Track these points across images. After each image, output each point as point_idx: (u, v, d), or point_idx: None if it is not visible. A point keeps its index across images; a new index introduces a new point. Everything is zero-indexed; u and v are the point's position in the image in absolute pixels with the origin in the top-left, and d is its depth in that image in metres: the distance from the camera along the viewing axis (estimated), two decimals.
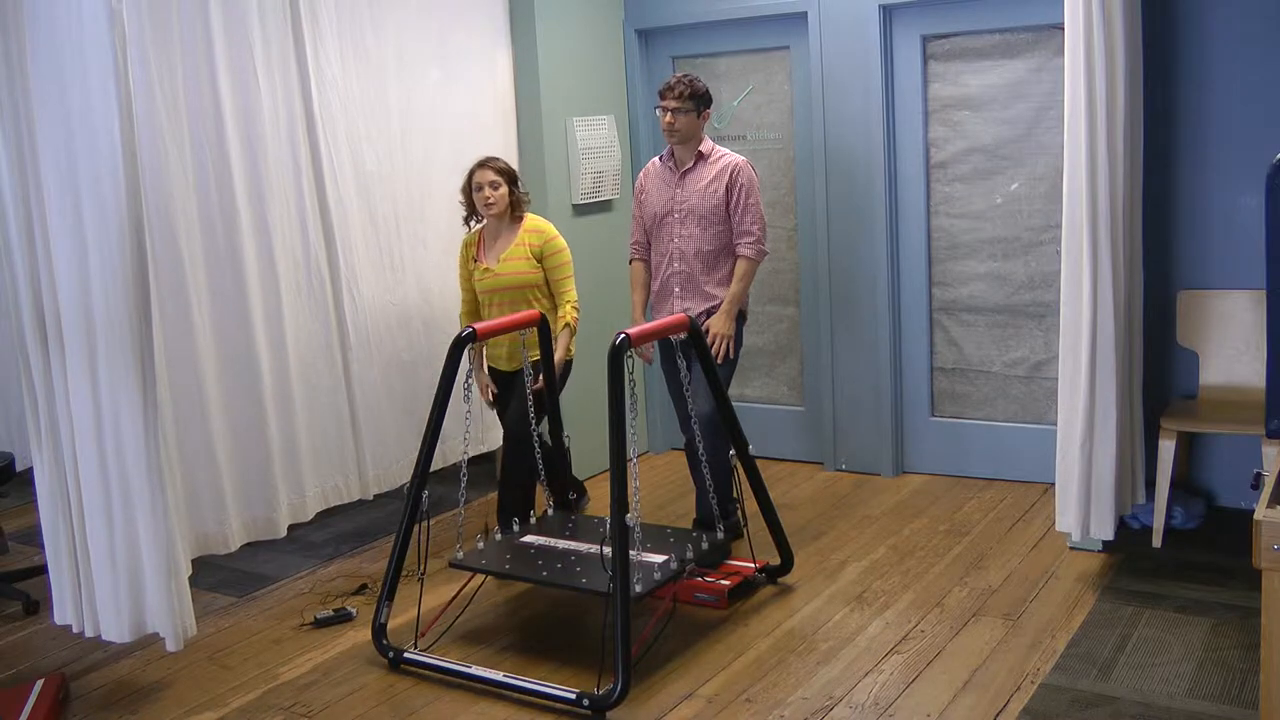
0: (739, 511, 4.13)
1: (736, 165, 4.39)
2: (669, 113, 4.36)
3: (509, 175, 4.47)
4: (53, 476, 3.58)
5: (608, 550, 3.49)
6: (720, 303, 4.40)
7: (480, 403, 4.61)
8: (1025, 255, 5.02)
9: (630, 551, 3.50)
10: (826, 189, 5.32)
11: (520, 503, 4.39)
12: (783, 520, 4.23)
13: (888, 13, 5.09)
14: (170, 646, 3.57)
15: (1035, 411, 5.12)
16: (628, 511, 3.45)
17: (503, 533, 4.11)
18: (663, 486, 5.41)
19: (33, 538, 4.75)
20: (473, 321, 4.54)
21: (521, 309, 4.42)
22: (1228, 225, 4.43)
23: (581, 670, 3.58)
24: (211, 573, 4.52)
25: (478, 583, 4.15)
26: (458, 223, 4.69)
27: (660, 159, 4.56)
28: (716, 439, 4.16)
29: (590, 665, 3.53)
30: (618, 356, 3.52)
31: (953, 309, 5.24)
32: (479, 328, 3.95)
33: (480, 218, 4.53)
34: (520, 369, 4.37)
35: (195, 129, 4.09)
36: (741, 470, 4.09)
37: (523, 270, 4.45)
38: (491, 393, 4.56)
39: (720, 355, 4.34)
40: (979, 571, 4.23)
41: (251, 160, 4.27)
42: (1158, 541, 4.30)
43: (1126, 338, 4.03)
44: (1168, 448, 4.25)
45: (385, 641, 3.77)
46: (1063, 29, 3.88)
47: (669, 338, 4.15)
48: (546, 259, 4.46)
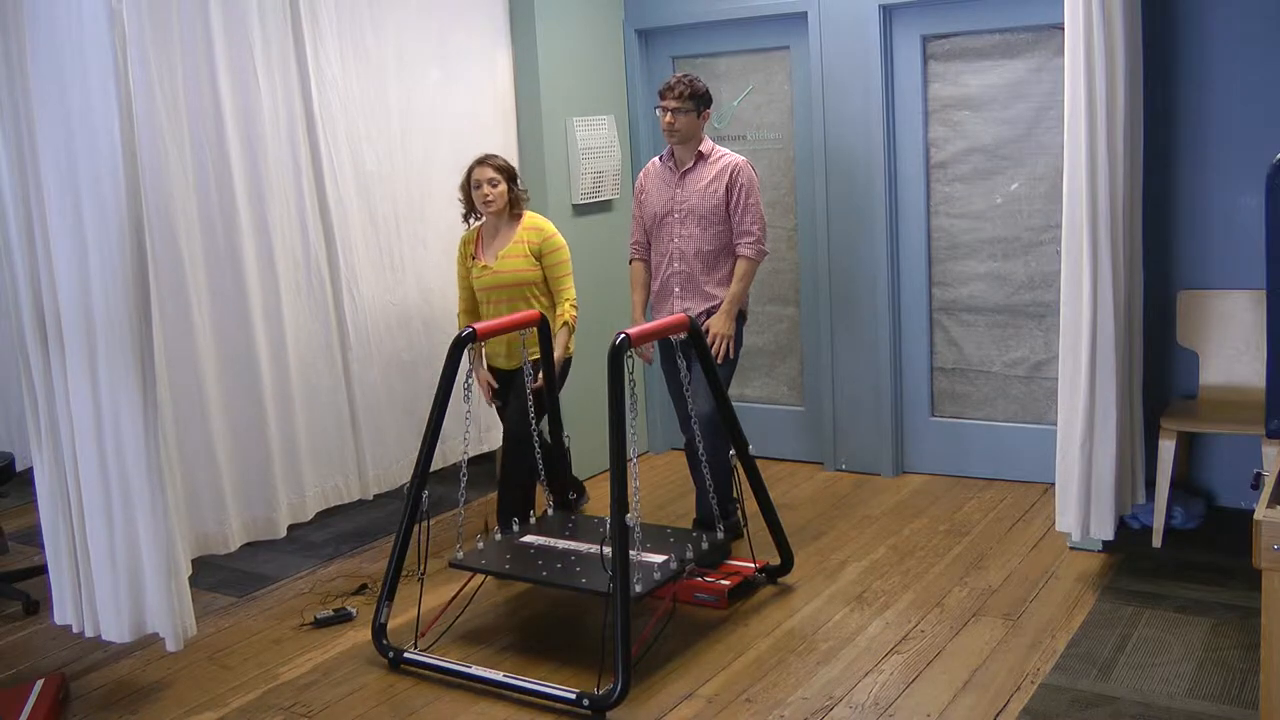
0: (739, 511, 4.13)
1: (736, 165, 4.39)
2: (669, 113, 4.36)
3: (508, 172, 4.46)
4: (53, 476, 3.59)
5: (608, 550, 3.49)
6: (720, 303, 4.40)
7: (480, 403, 4.61)
8: (1025, 255, 5.02)
9: (630, 551, 3.50)
10: (826, 189, 5.32)
11: (520, 503, 4.39)
12: (783, 520, 4.23)
13: (888, 13, 5.09)
14: (170, 646, 3.57)
15: (1035, 411, 5.12)
16: (628, 511, 3.45)
17: (503, 533, 4.11)
18: (663, 486, 5.41)
19: (33, 538, 4.75)
20: (471, 319, 4.55)
21: (519, 307, 4.43)
22: (1228, 225, 4.43)
23: (581, 670, 3.58)
24: (211, 573, 4.52)
25: (478, 583, 4.15)
26: (458, 223, 4.68)
27: (660, 159, 4.56)
28: (716, 439, 4.16)
29: (590, 665, 3.53)
30: (618, 356, 3.52)
31: (953, 309, 5.24)
32: (479, 328, 3.95)
33: (479, 215, 4.52)
34: (519, 367, 4.37)
35: (195, 129, 4.09)
36: (741, 470, 4.09)
37: (521, 268, 4.44)
38: (491, 388, 4.55)
39: (720, 355, 4.34)
40: (979, 571, 4.23)
41: (251, 160, 4.27)
42: (1158, 541, 4.30)
43: (1126, 338, 4.03)
44: (1168, 448, 4.25)
45: (385, 641, 3.77)
46: (1063, 29, 3.88)
47: (669, 338, 4.15)
48: (545, 257, 4.46)
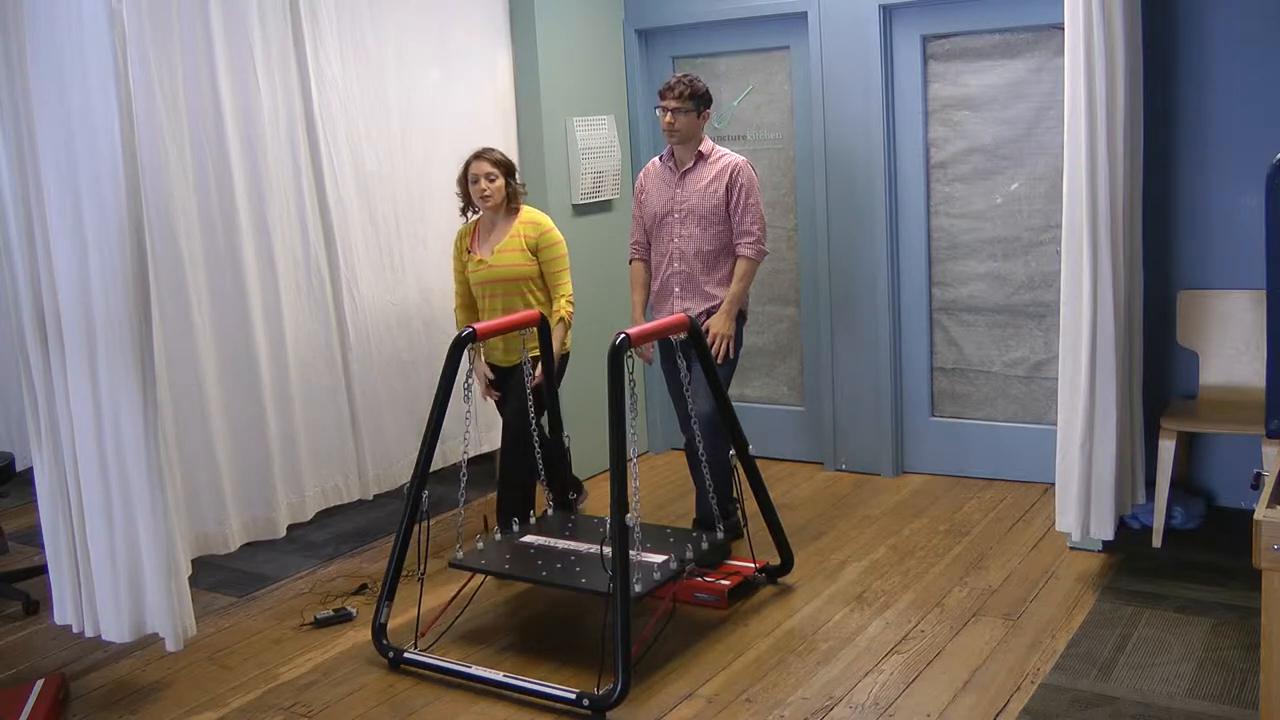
0: (739, 511, 4.13)
1: (736, 165, 4.39)
2: (669, 113, 4.36)
3: (506, 167, 4.44)
4: (53, 476, 3.59)
5: (608, 550, 3.49)
6: (720, 303, 4.40)
7: (480, 402, 4.60)
8: (1025, 255, 5.02)
9: (630, 551, 3.50)
10: (826, 189, 5.32)
11: (520, 502, 4.38)
12: (783, 520, 4.23)
13: (888, 13, 5.09)
14: (170, 646, 3.57)
15: (1035, 411, 5.12)
16: (628, 511, 3.45)
17: (503, 533, 4.11)
18: (663, 486, 5.41)
19: (33, 538, 4.75)
20: (468, 314, 4.55)
21: (515, 301, 4.42)
22: (1228, 225, 4.43)
23: (581, 670, 3.58)
24: (211, 573, 4.52)
25: (478, 583, 4.15)
26: (458, 221, 4.68)
27: (660, 159, 4.56)
28: (716, 439, 4.16)
29: (590, 665, 3.53)
30: (618, 356, 3.52)
31: (953, 309, 5.24)
32: (479, 328, 3.94)
33: (476, 209, 4.51)
34: (517, 364, 4.36)
35: (195, 129, 4.09)
36: (741, 470, 4.09)
37: (517, 262, 4.42)
38: (488, 381, 4.53)
39: (720, 355, 4.34)
40: (979, 571, 4.23)
41: (251, 160, 4.27)
42: (1158, 541, 4.30)
43: (1126, 338, 4.03)
44: (1168, 448, 4.25)
45: (385, 641, 3.77)
46: (1063, 29, 3.88)
47: (669, 338, 4.15)
48: (542, 251, 4.44)
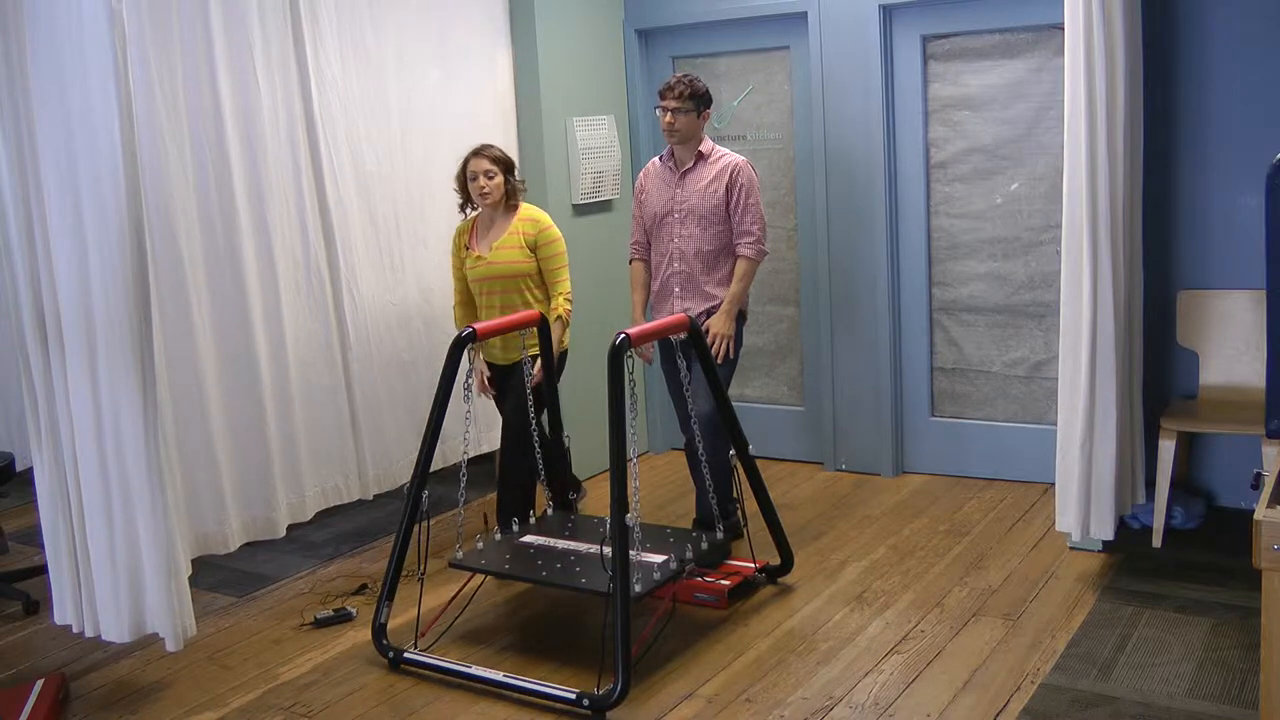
0: (739, 511, 4.13)
1: (736, 165, 4.39)
2: (669, 113, 4.36)
3: (505, 164, 4.43)
4: (53, 476, 3.59)
5: (608, 550, 3.49)
6: (720, 303, 4.40)
7: (480, 402, 4.60)
8: (1025, 255, 5.02)
9: (630, 551, 3.50)
10: (826, 189, 5.32)
11: (520, 502, 4.38)
12: (783, 520, 4.23)
13: (888, 13, 5.09)
14: (170, 646, 3.57)
15: (1035, 411, 5.12)
16: (628, 511, 3.45)
17: (502, 533, 4.11)
18: (663, 486, 5.41)
19: (33, 538, 4.75)
20: (467, 311, 4.55)
21: (513, 298, 4.42)
22: (1228, 225, 4.43)
23: (581, 670, 3.58)
24: (211, 573, 4.52)
25: (478, 583, 4.15)
26: (458, 220, 4.68)
27: (660, 159, 4.56)
28: (716, 439, 4.16)
29: (590, 665, 3.53)
30: (618, 356, 3.52)
31: (953, 309, 5.24)
32: (479, 328, 3.94)
33: (475, 206, 4.51)
34: (516, 362, 4.36)
35: (195, 129, 4.09)
36: (741, 470, 4.09)
37: (515, 259, 4.41)
38: (486, 378, 4.52)
39: (720, 355, 4.34)
40: (979, 571, 4.23)
41: (251, 160, 4.27)
42: (1158, 541, 4.30)
43: (1126, 338, 4.03)
44: (1168, 448, 4.25)
45: (385, 641, 3.77)
46: (1063, 29, 3.88)
47: (669, 338, 4.15)
48: (540, 248, 4.42)
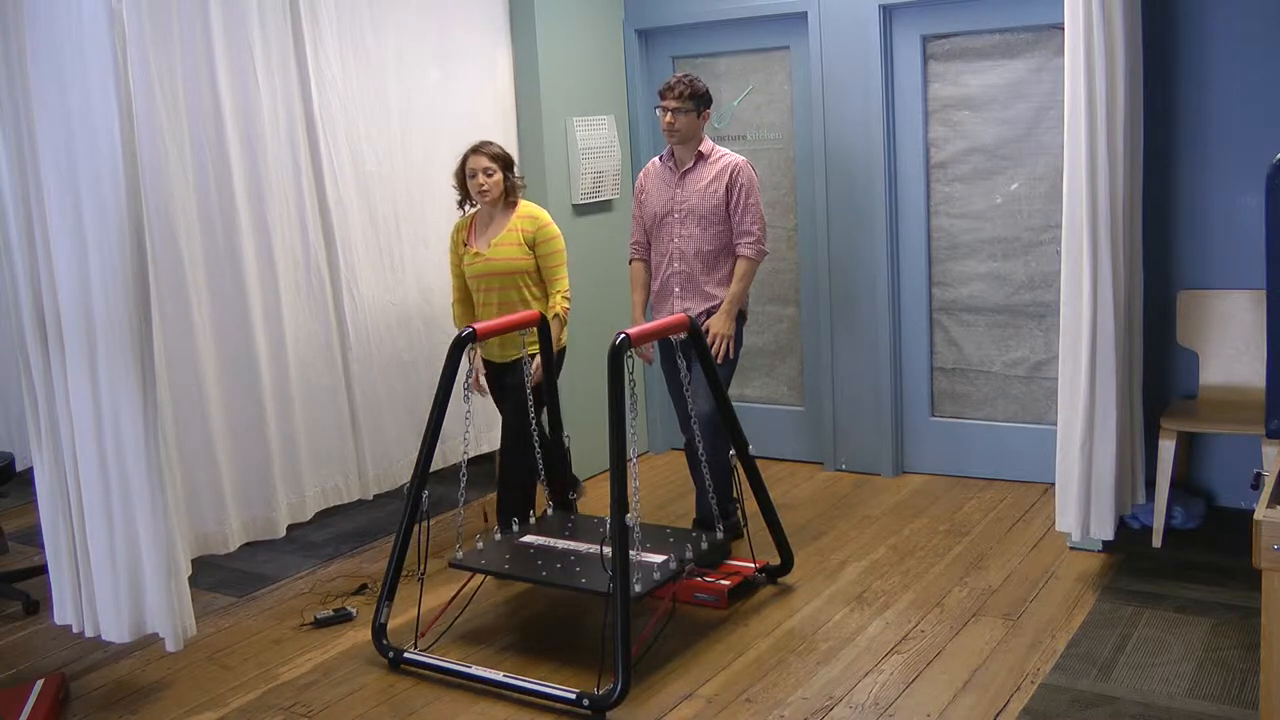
0: (739, 511, 4.13)
1: (736, 165, 4.39)
2: (669, 113, 4.36)
3: (504, 161, 4.42)
4: (53, 476, 3.59)
5: (608, 550, 3.49)
6: (720, 303, 4.39)
7: (480, 402, 4.60)
8: (1025, 255, 5.02)
9: (630, 551, 3.50)
10: (826, 189, 5.32)
11: (520, 502, 4.38)
12: (783, 520, 4.23)
13: (888, 13, 5.09)
14: (170, 646, 3.57)
15: (1035, 411, 5.12)
16: (628, 511, 3.45)
17: (502, 533, 4.11)
18: (663, 486, 5.41)
19: (33, 538, 4.75)
20: (465, 309, 4.55)
21: (511, 295, 4.41)
22: (1228, 225, 4.43)
23: (581, 670, 3.58)
24: (211, 573, 4.52)
25: (478, 583, 4.15)
26: (457, 219, 4.68)
27: (660, 159, 4.56)
28: (716, 439, 4.16)
29: (590, 665, 3.53)
30: (618, 356, 3.52)
31: (953, 309, 5.24)
32: (479, 328, 3.94)
33: (474, 203, 4.50)
34: (514, 360, 4.35)
35: (195, 129, 4.09)
36: (741, 470, 4.09)
37: (514, 256, 4.40)
38: (480, 376, 4.50)
39: (720, 355, 4.34)
40: (979, 571, 4.23)
41: (251, 160, 4.27)
42: (1158, 541, 4.30)
43: (1126, 338, 4.03)
44: (1168, 448, 4.25)
45: (385, 641, 3.77)
46: (1063, 29, 3.88)
47: (669, 338, 4.15)
48: (539, 245, 4.41)
